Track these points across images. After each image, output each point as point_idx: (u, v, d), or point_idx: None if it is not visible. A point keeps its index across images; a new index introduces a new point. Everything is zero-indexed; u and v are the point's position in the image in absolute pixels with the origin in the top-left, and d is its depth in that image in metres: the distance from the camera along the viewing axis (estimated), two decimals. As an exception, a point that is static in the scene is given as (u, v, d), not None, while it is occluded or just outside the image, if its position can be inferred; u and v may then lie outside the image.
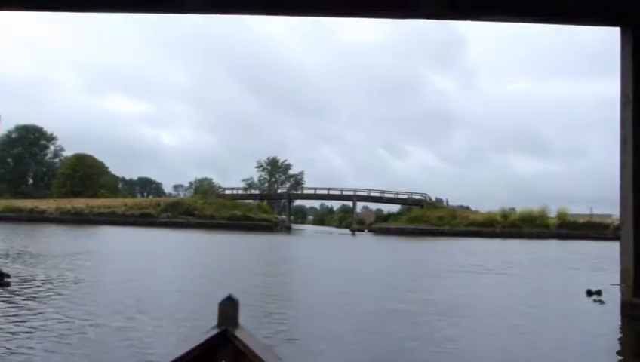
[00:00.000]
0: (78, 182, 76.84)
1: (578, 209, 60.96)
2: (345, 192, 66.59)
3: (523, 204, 56.67)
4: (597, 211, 64.71)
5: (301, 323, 7.82)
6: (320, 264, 19.81)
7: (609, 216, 61.52)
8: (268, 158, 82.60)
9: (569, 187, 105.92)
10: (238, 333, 2.80)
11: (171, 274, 14.24)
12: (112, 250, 21.71)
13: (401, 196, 65.02)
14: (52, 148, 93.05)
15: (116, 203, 63.12)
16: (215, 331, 2.83)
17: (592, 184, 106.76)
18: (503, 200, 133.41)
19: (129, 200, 67.27)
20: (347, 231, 66.45)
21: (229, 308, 2.88)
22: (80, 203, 61.91)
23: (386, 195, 65.22)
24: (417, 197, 64.44)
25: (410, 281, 13.73)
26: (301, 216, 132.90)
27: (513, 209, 56.77)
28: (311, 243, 38.29)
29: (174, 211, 59.02)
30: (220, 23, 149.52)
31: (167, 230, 45.37)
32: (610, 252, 27.43)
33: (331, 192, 67.78)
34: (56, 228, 39.34)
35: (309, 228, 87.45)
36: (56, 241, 24.62)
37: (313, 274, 15.80)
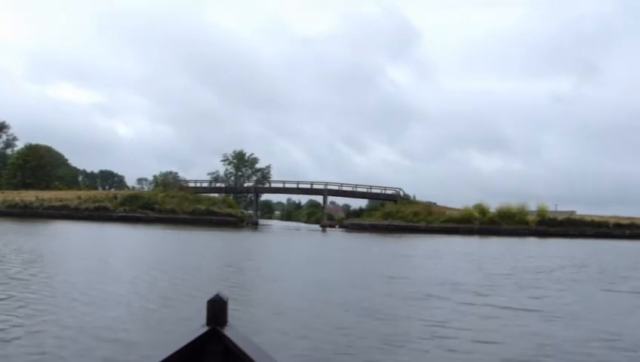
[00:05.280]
0: (29, 174, 72.09)
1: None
2: (315, 186, 63.13)
3: (484, 200, 54.69)
4: (561, 208, 63.99)
5: None
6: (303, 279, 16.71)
7: (572, 212, 60.72)
8: (234, 151, 79.58)
9: (528, 184, 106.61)
10: (227, 332, 2.66)
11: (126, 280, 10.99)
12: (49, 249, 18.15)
13: (374, 191, 62.37)
14: (4, 137, 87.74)
15: (69, 195, 58.71)
16: (203, 329, 2.68)
17: (550, 181, 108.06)
18: (465, 197, 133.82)
19: (83, 193, 62.63)
20: (317, 226, 63.62)
21: (217, 307, 2.70)
22: (30, 195, 57.55)
23: (359, 190, 62.32)
24: (390, 192, 61.96)
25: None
26: (268, 211, 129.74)
27: (479, 205, 54.67)
28: (281, 242, 35.19)
29: (133, 205, 55.10)
30: (173, 12, 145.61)
31: (124, 225, 41.89)
32: (614, 253, 24.55)
33: (301, 186, 64.33)
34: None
35: (276, 223, 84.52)
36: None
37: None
